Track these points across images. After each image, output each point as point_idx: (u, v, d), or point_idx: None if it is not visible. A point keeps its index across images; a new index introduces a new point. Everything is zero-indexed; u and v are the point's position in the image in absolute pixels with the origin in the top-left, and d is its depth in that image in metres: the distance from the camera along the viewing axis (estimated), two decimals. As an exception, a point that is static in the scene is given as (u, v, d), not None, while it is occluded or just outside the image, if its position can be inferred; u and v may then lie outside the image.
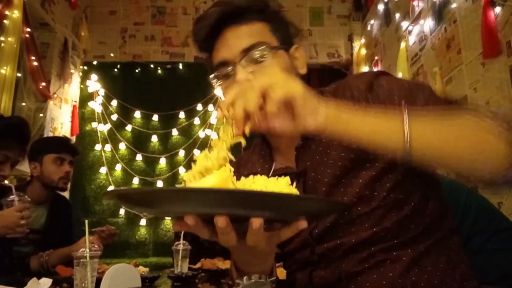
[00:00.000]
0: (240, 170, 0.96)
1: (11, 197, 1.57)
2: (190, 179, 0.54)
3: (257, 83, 0.56)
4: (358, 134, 0.61)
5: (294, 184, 0.57)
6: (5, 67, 3.06)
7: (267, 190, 0.51)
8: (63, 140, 2.28)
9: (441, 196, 0.82)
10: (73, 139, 4.45)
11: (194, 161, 0.56)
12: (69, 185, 4.31)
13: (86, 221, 1.13)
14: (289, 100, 0.56)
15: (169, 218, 3.97)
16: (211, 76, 0.85)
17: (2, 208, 1.57)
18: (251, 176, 0.55)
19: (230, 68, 0.80)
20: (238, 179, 0.87)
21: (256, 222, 0.49)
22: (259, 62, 0.79)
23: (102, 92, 4.65)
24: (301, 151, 0.82)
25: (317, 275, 0.80)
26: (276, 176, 0.57)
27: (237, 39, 0.81)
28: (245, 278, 0.59)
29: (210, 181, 0.50)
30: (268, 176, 0.58)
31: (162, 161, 4.52)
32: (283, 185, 0.53)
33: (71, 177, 2.22)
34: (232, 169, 0.54)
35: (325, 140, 0.79)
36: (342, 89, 0.83)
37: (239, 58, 0.79)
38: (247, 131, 0.56)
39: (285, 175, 0.70)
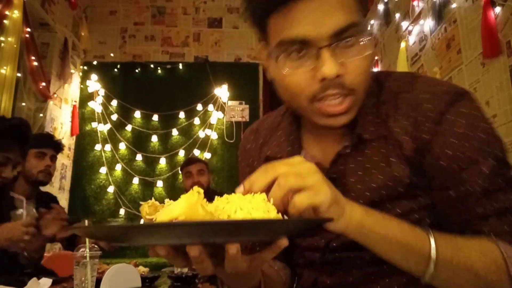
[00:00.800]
0: (259, 140, 0.86)
1: (20, 210, 1.58)
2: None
3: (287, 183, 0.50)
4: (378, 247, 0.58)
5: None
6: (5, 67, 3.06)
7: (241, 212, 0.47)
8: (45, 135, 2.32)
9: None
10: (73, 139, 4.46)
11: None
12: (68, 185, 4.32)
13: (86, 221, 1.13)
14: (313, 207, 0.52)
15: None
16: (274, 51, 0.65)
17: (10, 220, 1.57)
18: (225, 196, 0.50)
19: (310, 51, 0.62)
20: (257, 156, 0.83)
21: (232, 249, 0.44)
22: (347, 51, 0.62)
23: (102, 92, 4.65)
24: (342, 159, 0.71)
25: (321, 281, 0.75)
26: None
27: (326, 14, 0.61)
28: None
29: (178, 209, 0.45)
30: None
31: (162, 161, 4.52)
32: (259, 202, 0.48)
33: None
34: (202, 190, 0.48)
35: (376, 158, 0.69)
36: (406, 99, 0.68)
37: (328, 41, 0.61)
38: None
39: None
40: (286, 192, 0.50)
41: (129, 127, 4.59)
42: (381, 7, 4.01)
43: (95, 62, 4.77)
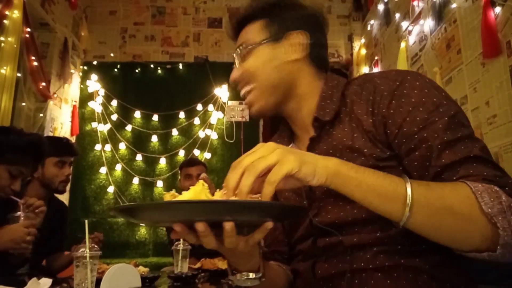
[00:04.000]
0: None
1: (18, 213, 1.60)
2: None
3: (254, 170, 0.59)
4: (357, 192, 0.64)
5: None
6: (5, 67, 3.06)
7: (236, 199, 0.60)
8: (65, 142, 2.27)
9: None
10: (73, 139, 4.45)
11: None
12: (68, 185, 4.31)
13: (86, 221, 1.13)
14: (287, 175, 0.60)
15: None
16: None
17: (8, 223, 1.59)
18: (221, 191, 0.63)
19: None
20: None
21: (228, 225, 0.56)
22: (244, 59, 0.92)
23: (102, 92, 4.65)
24: (315, 142, 0.84)
25: (319, 267, 0.80)
26: None
27: (239, 38, 0.94)
28: (237, 275, 0.73)
29: (187, 196, 0.61)
30: None
31: (162, 161, 4.52)
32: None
33: (71, 177, 2.21)
34: (206, 185, 0.62)
35: (340, 136, 0.81)
36: (368, 87, 0.82)
37: (238, 56, 0.94)
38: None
39: None
40: (255, 177, 0.58)
41: (129, 127, 4.59)
42: (381, 7, 4.01)
43: (95, 62, 4.76)
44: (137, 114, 4.61)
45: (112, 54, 4.77)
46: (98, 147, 4.51)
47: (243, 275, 0.72)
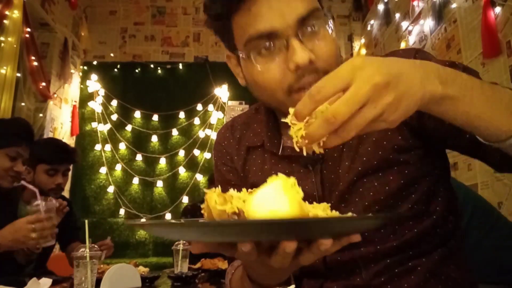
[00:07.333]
0: (235, 134, 0.85)
1: (36, 202, 1.48)
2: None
3: (380, 101, 0.43)
4: (476, 101, 0.52)
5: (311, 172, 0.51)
6: (5, 67, 3.06)
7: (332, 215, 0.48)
8: (59, 149, 2.08)
9: (457, 204, 0.77)
10: (73, 139, 4.45)
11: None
12: (68, 185, 4.31)
13: (86, 221, 1.13)
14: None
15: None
16: (244, 52, 0.65)
17: (25, 213, 1.57)
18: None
19: (278, 43, 0.62)
20: (236, 151, 0.82)
21: (326, 243, 0.45)
22: (314, 36, 0.64)
23: (102, 92, 4.65)
24: None
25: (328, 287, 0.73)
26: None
27: (287, 4, 0.62)
28: None
29: (284, 207, 0.43)
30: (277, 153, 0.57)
31: (162, 161, 4.52)
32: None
33: (70, 175, 2.18)
34: (302, 194, 0.46)
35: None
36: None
37: (294, 30, 0.61)
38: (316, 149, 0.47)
39: (299, 157, 0.67)
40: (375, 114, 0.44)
41: (129, 127, 4.59)
42: (381, 7, 4.01)
43: (95, 62, 4.76)
44: (137, 114, 4.61)
45: (112, 54, 4.77)
46: (98, 147, 4.51)
47: None
